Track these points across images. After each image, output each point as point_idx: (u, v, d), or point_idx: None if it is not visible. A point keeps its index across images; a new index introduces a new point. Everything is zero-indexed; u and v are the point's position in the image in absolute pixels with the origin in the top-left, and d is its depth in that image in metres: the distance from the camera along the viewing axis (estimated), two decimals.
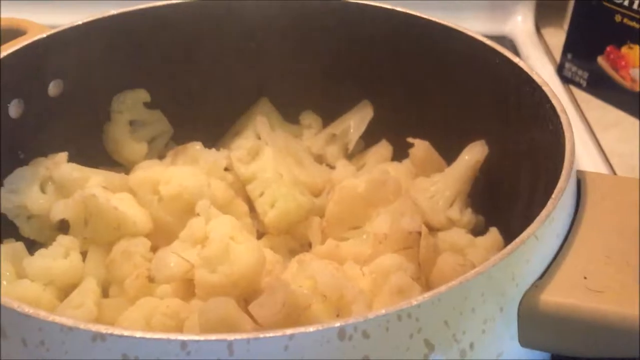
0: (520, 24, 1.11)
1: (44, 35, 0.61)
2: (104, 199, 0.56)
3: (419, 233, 0.53)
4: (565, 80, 1.00)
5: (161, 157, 0.73)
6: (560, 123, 0.50)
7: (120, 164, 0.72)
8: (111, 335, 0.36)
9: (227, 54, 0.73)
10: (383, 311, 0.37)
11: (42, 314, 0.38)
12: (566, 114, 0.51)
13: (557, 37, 1.10)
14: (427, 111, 0.70)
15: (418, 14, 0.67)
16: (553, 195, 0.43)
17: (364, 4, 0.69)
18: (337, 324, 0.36)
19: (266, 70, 0.75)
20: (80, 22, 0.64)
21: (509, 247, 0.39)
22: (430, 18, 0.67)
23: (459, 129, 0.67)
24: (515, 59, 0.58)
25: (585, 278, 0.41)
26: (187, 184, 0.59)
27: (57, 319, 0.37)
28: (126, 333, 0.36)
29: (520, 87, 0.57)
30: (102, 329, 0.36)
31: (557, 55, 1.03)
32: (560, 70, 1.00)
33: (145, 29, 0.68)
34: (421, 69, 0.70)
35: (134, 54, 0.69)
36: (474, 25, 1.09)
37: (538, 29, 1.13)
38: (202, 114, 0.75)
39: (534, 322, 0.42)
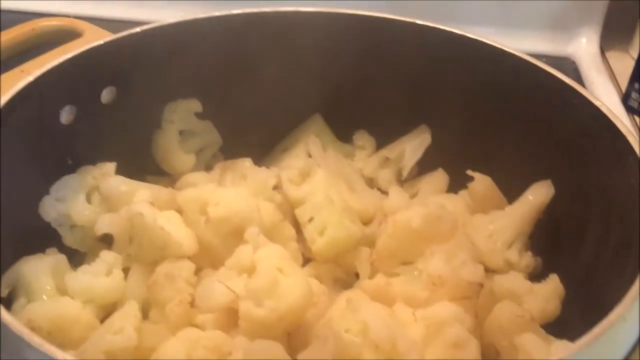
0: (584, 46, 1.06)
1: (102, 42, 0.59)
2: (151, 218, 0.54)
3: (481, 285, 0.50)
4: (631, 110, 0.94)
5: (208, 168, 0.71)
6: None
7: (167, 173, 0.70)
8: None
9: (284, 68, 0.71)
10: None
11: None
12: None
13: (622, 62, 1.05)
14: (489, 144, 0.66)
15: (489, 41, 0.64)
16: None
17: (434, 28, 0.65)
18: None
19: (322, 87, 0.72)
20: (138, 30, 0.62)
21: (595, 331, 0.36)
22: (505, 48, 0.63)
23: (524, 166, 0.63)
24: (597, 102, 0.54)
25: None
26: (237, 207, 0.56)
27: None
28: None
29: (600, 131, 0.53)
30: None
31: (622, 81, 0.98)
32: (625, 99, 0.95)
33: (201, 39, 0.66)
34: (487, 99, 0.66)
35: (189, 64, 0.67)
36: (536, 44, 1.05)
37: (602, 51, 1.07)
38: (253, 127, 0.73)
39: None
